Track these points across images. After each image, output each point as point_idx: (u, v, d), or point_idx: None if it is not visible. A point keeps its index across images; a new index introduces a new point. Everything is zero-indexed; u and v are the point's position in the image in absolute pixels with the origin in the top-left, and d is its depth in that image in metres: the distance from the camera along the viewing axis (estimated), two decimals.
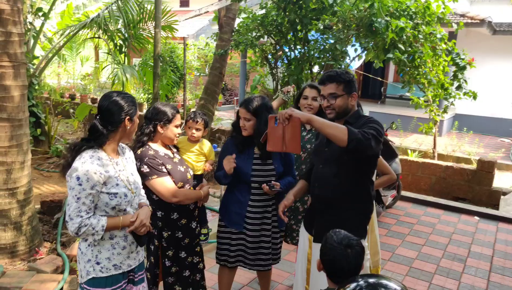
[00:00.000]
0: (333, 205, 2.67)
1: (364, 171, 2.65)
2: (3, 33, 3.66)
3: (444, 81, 7.18)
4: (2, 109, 3.72)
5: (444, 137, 11.82)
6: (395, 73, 14.36)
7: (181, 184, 2.90)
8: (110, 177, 2.26)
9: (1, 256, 3.86)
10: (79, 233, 2.19)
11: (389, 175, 3.46)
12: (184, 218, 2.98)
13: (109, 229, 2.27)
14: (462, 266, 4.75)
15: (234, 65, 16.68)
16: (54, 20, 16.51)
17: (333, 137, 2.34)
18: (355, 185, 2.63)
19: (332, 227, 2.61)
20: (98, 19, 9.08)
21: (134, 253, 2.45)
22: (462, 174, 7.35)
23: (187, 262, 3.04)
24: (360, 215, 2.69)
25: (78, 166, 2.18)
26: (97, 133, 2.27)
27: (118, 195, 2.29)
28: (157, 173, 2.77)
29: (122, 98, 2.31)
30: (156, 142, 2.92)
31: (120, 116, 2.28)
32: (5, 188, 3.80)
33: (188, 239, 3.03)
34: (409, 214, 6.42)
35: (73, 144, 2.29)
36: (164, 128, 2.87)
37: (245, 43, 7.12)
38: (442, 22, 6.66)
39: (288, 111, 2.32)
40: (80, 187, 2.16)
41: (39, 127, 8.19)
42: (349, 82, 2.61)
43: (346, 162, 2.57)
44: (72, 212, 2.17)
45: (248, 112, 3.06)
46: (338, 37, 5.99)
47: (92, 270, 2.29)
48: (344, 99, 2.61)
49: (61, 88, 15.80)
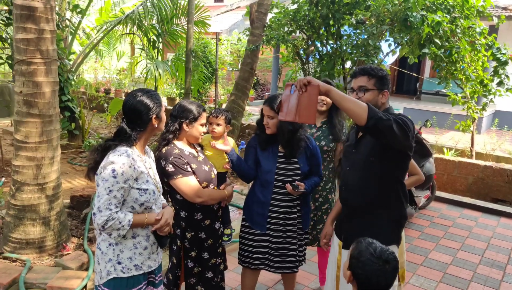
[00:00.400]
0: (360, 210, 2.57)
1: (393, 174, 2.50)
2: (36, 30, 3.71)
3: (484, 77, 6.90)
4: (33, 105, 3.78)
5: (483, 135, 11.39)
6: (431, 69, 13.95)
7: (206, 183, 2.85)
8: (142, 173, 2.27)
9: (29, 250, 3.93)
10: (106, 226, 2.18)
11: (417, 176, 3.31)
12: (207, 219, 2.92)
13: (135, 225, 2.26)
14: (502, 274, 4.52)
15: (267, 60, 16.61)
16: (93, 16, 16.92)
17: (351, 113, 2.20)
18: (383, 190, 2.50)
19: (360, 234, 2.50)
20: (133, 15, 9.22)
21: (155, 254, 2.44)
22: (502, 174, 7.04)
23: (210, 263, 3.00)
24: (390, 221, 2.55)
25: (115, 159, 2.18)
26: (125, 135, 2.27)
27: (148, 191, 2.30)
28: (182, 173, 2.73)
29: (148, 97, 2.29)
30: (181, 140, 2.88)
31: (148, 115, 2.28)
32: (34, 183, 3.86)
33: (211, 240, 2.98)
34: (444, 216, 6.20)
35: (99, 145, 2.29)
36: (189, 126, 2.83)
37: (277, 38, 7.06)
38: (482, 16, 6.40)
39: (307, 78, 2.20)
40: (115, 179, 2.16)
41: (73, 122, 8.38)
42: (381, 78, 2.51)
43: (374, 164, 2.46)
44: (102, 204, 2.16)
45: (271, 110, 3.00)
46: (371, 32, 5.85)
47: (113, 270, 2.28)
48: (374, 94, 2.51)
49: (98, 82, 16.15)
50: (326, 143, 3.55)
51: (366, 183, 2.52)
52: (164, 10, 9.56)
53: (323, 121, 3.64)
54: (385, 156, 2.43)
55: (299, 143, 3.07)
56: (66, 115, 8.15)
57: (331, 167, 3.67)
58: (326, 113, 3.64)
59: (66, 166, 7.38)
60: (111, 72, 18.03)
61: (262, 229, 3.13)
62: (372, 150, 2.48)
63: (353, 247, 1.93)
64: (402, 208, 2.57)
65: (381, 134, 2.25)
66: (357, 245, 1.92)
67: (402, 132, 2.24)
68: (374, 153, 2.47)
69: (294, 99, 2.24)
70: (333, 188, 3.69)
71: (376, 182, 2.49)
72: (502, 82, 6.87)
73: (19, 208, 3.89)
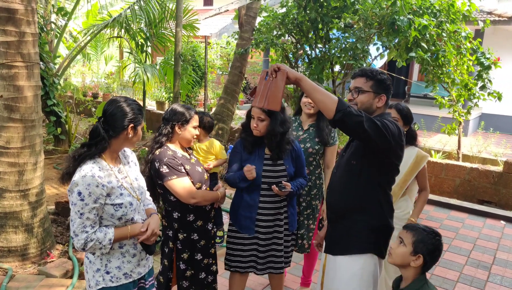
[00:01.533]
0: (340, 214, 2.52)
1: (374, 180, 2.41)
2: (17, 33, 3.65)
3: (468, 81, 6.96)
4: (15, 109, 3.71)
5: (470, 137, 11.49)
6: (419, 72, 14.03)
7: (199, 185, 2.87)
8: (113, 188, 2.18)
9: (11, 259, 3.85)
10: (86, 248, 2.12)
11: (425, 192, 3.38)
12: (200, 220, 2.93)
13: (118, 240, 2.20)
14: (487, 274, 4.54)
15: (257, 64, 16.61)
16: (80, 19, 16.81)
17: (321, 104, 2.19)
18: (363, 195, 2.43)
19: (337, 238, 2.52)
20: (120, 19, 9.17)
21: (144, 260, 2.40)
22: (488, 176, 7.09)
23: (202, 264, 2.99)
24: (368, 228, 2.43)
25: (79, 180, 2.09)
26: (98, 137, 2.19)
27: (123, 205, 2.21)
28: (176, 174, 2.75)
29: (129, 105, 2.23)
30: (173, 143, 2.91)
31: (123, 122, 2.20)
32: (16, 189, 3.79)
33: (204, 241, 2.96)
34: (432, 217, 6.23)
35: (75, 153, 2.20)
36: (182, 128, 2.86)
37: (266, 42, 7.05)
38: (467, 20, 6.46)
39: (278, 64, 2.20)
40: (83, 202, 2.08)
41: (59, 126, 8.27)
42: (380, 81, 2.43)
43: (355, 167, 2.42)
44: (76, 228, 2.10)
45: (263, 112, 3.00)
46: (359, 35, 5.87)
47: (101, 280, 2.23)
48: (369, 96, 2.42)
49: (85, 87, 16.02)
50: (312, 145, 3.53)
51: (347, 186, 2.47)
52: (152, 14, 9.52)
53: (310, 124, 3.62)
54: (366, 160, 2.39)
55: (287, 145, 3.09)
56: (52, 119, 8.06)
57: (318, 172, 3.64)
58: (315, 116, 3.63)
59: (52, 172, 7.28)
60: (99, 76, 17.90)
61: (251, 233, 3.11)
62: (354, 153, 2.45)
63: (412, 234, 2.17)
64: (383, 217, 2.47)
65: (350, 130, 2.21)
66: (414, 233, 2.17)
67: (378, 133, 2.18)
68: (356, 156, 2.44)
69: (266, 86, 2.26)
70: (318, 195, 3.64)
71: (356, 187, 2.44)
72: (485, 86, 6.95)
73: (1, 215, 3.82)
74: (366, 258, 2.43)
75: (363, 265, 2.42)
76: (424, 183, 3.43)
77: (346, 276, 2.43)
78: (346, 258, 2.46)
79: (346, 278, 2.43)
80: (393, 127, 2.27)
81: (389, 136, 2.22)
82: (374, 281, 2.45)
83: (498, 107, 11.49)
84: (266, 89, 2.26)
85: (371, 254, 2.44)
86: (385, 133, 2.20)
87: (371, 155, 2.36)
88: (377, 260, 2.47)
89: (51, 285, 3.48)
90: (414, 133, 3.42)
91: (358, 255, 2.44)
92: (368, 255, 2.43)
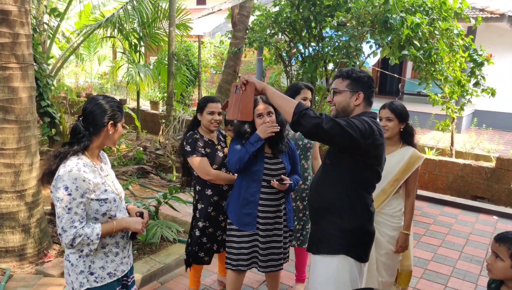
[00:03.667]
0: (315, 213, 2.54)
1: (349, 180, 2.39)
2: (11, 34, 3.65)
3: (461, 77, 7.02)
4: (9, 111, 3.72)
5: (463, 134, 11.57)
6: (412, 70, 14.08)
7: (216, 166, 3.35)
8: (98, 184, 2.20)
9: (9, 259, 3.86)
10: (74, 244, 2.12)
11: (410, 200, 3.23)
12: (216, 195, 3.39)
13: (104, 236, 2.22)
14: (480, 269, 4.60)
15: (251, 63, 16.63)
16: (73, 20, 16.74)
17: (281, 109, 2.32)
18: (337, 195, 2.41)
19: (313, 237, 2.55)
20: (113, 19, 9.14)
21: (127, 258, 2.42)
22: (481, 172, 7.16)
23: (217, 234, 3.51)
24: (341, 229, 2.41)
25: (65, 175, 2.10)
26: (79, 135, 2.21)
27: (108, 200, 2.24)
28: (196, 153, 3.30)
29: (107, 102, 2.26)
30: (203, 129, 3.45)
31: (103, 119, 2.22)
32: (13, 190, 3.80)
33: (215, 213, 3.43)
34: (425, 213, 6.28)
35: (58, 151, 2.21)
36: (200, 116, 3.41)
37: (259, 41, 7.08)
38: (459, 18, 6.52)
39: (246, 77, 2.32)
40: (70, 197, 2.08)
41: (54, 127, 8.24)
42: (355, 79, 2.41)
43: (329, 167, 2.44)
44: (65, 224, 2.09)
45: (269, 106, 3.04)
46: (352, 34, 5.92)
47: (85, 281, 2.23)
48: (345, 96, 2.42)
49: (79, 87, 15.96)
50: (308, 140, 3.60)
51: (322, 186, 2.48)
52: (145, 13, 9.50)
53: None
54: (339, 160, 2.39)
55: (286, 142, 3.17)
56: (46, 120, 8.02)
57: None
58: None
59: None
60: (93, 77, 17.85)
61: (252, 229, 3.13)
62: (328, 153, 2.47)
63: (507, 247, 2.03)
64: (357, 219, 2.43)
65: (310, 132, 2.22)
66: (509, 245, 2.03)
67: (340, 133, 2.18)
68: (330, 156, 2.45)
69: (238, 98, 2.42)
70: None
71: (330, 186, 2.44)
72: (478, 83, 7.01)
73: None
74: (340, 260, 2.40)
75: (337, 267, 2.39)
76: (411, 188, 3.24)
77: (322, 277, 2.44)
78: (320, 257, 2.47)
79: (322, 279, 2.44)
80: (364, 126, 2.24)
81: (356, 135, 2.20)
82: (352, 284, 2.41)
83: (491, 103, 11.60)
84: (238, 102, 2.42)
85: (345, 256, 2.40)
86: (350, 132, 2.19)
87: (343, 155, 2.36)
88: (353, 263, 2.42)
89: (49, 284, 3.51)
90: (411, 131, 3.27)
91: (330, 256, 2.42)
92: (341, 256, 2.40)
